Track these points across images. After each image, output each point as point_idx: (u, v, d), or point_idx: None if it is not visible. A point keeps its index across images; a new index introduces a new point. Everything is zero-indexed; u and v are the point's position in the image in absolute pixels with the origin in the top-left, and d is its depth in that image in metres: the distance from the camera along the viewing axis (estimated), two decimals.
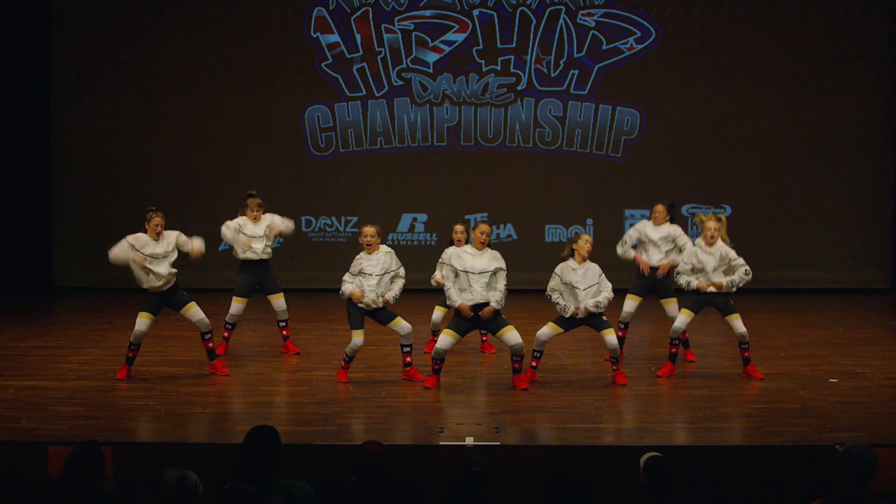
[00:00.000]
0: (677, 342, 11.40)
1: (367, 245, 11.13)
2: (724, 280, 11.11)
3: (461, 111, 18.28)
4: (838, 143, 18.10)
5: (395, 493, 6.41)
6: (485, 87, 18.21)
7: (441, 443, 8.81)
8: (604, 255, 12.23)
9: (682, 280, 11.26)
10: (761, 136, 18.12)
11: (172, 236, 11.42)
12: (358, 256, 11.19)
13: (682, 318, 11.30)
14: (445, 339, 10.68)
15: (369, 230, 11.18)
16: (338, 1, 18.18)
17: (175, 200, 18.16)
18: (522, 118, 18.24)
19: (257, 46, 18.19)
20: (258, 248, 12.43)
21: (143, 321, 11.23)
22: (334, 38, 18.23)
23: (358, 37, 18.22)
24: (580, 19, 18.09)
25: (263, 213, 12.53)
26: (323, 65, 18.24)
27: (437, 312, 12.42)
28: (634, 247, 12.19)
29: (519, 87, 18.23)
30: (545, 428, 9.59)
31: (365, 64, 18.25)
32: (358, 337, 10.98)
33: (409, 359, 11.17)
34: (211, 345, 11.51)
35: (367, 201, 18.30)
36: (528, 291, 15.18)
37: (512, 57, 18.18)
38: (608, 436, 9.30)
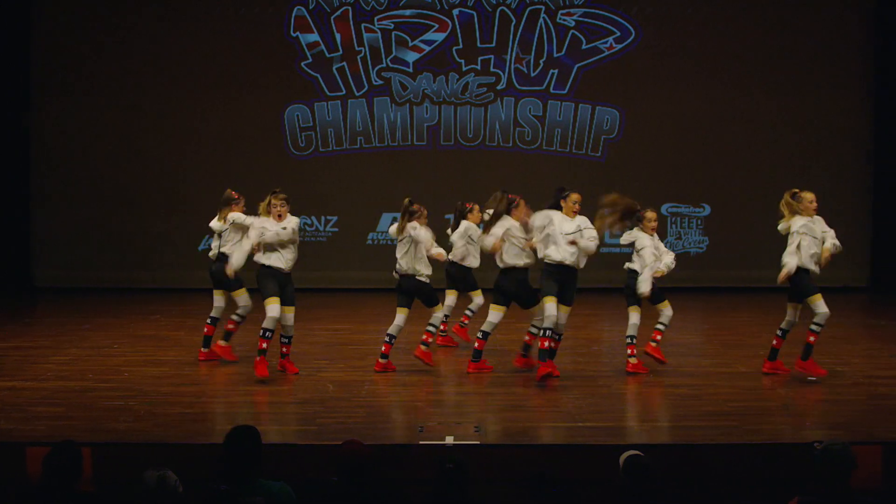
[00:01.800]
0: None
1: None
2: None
3: (441, 111, 18.29)
4: (816, 142, 18.18)
5: (376, 492, 6.40)
6: (464, 86, 18.22)
7: (421, 442, 8.81)
8: None
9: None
10: (740, 135, 18.18)
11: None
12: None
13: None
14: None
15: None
16: (317, 0, 18.16)
17: (154, 200, 18.15)
18: (502, 118, 18.26)
19: (237, 46, 18.15)
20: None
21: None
22: (314, 37, 18.21)
23: (338, 36, 18.21)
24: (560, 19, 18.12)
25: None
26: (303, 64, 18.22)
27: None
28: None
29: (499, 87, 18.25)
30: (525, 427, 9.60)
31: (345, 63, 18.24)
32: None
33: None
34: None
35: (346, 201, 18.29)
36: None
37: (492, 56, 18.20)
38: (588, 435, 9.31)
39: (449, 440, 8.77)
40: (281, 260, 10.99)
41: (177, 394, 10.53)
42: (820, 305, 10.89)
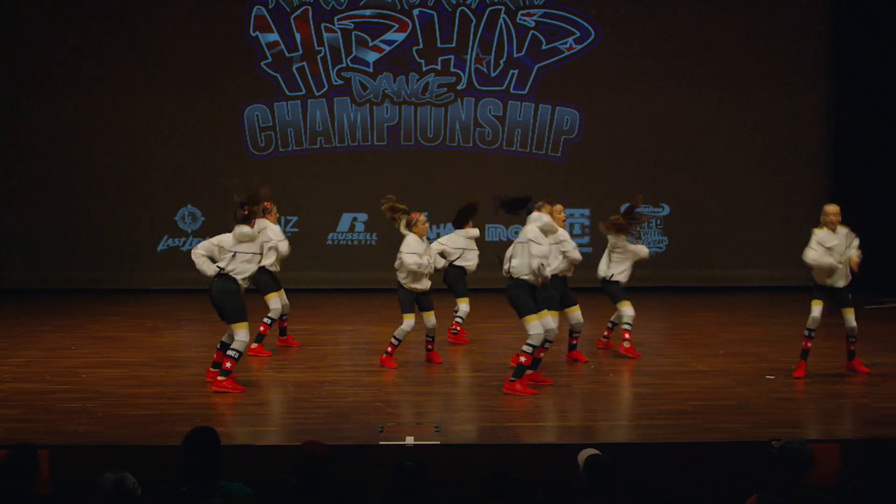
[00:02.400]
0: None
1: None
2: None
3: (401, 111, 18.28)
4: (775, 141, 18.32)
5: (336, 493, 6.38)
6: (425, 86, 18.22)
7: (381, 442, 8.79)
8: None
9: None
10: (699, 135, 18.29)
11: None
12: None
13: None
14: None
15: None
16: (277, 0, 18.10)
17: (113, 201, 18.03)
18: (462, 118, 18.27)
19: (196, 45, 18.05)
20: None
21: None
22: (274, 36, 18.15)
23: (297, 36, 18.15)
24: (520, 19, 18.15)
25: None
26: (262, 64, 18.15)
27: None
28: None
29: (459, 87, 18.26)
30: (485, 427, 9.60)
31: (305, 63, 18.18)
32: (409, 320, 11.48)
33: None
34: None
35: (307, 201, 18.23)
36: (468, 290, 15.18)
37: (452, 56, 18.20)
38: (548, 434, 9.33)
39: (409, 440, 8.76)
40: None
41: (135, 395, 10.45)
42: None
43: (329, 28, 18.15)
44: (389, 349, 11.66)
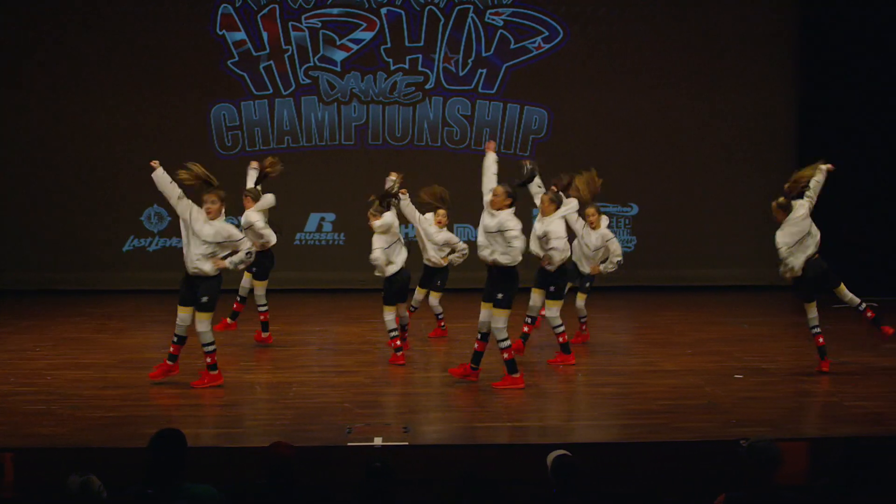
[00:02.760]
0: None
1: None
2: None
3: (369, 110, 18.22)
4: (743, 141, 18.36)
5: (303, 494, 6.35)
6: (393, 85, 18.17)
7: (349, 444, 8.76)
8: None
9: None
10: (668, 134, 18.32)
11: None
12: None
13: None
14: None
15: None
16: None
17: (77, 201, 17.87)
18: (430, 117, 18.23)
19: (162, 43, 17.91)
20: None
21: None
22: (241, 35, 18.05)
23: (265, 34, 18.06)
24: (488, 18, 18.13)
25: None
26: (229, 62, 18.05)
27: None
28: None
29: (427, 86, 18.22)
30: (454, 427, 9.59)
31: (272, 62, 18.09)
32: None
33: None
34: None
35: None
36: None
37: (420, 56, 18.16)
38: (516, 434, 9.32)
39: (378, 441, 8.73)
40: None
41: (100, 397, 10.37)
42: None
43: (296, 27, 18.07)
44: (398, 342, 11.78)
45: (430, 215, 12.68)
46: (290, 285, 17.52)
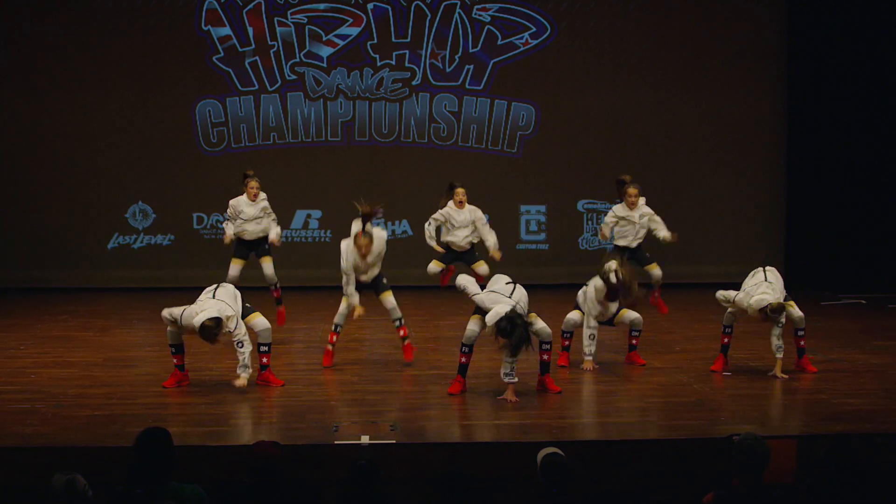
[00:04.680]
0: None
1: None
2: None
3: (355, 106, 18.15)
4: (732, 138, 18.34)
5: (289, 493, 6.31)
6: (379, 81, 18.11)
7: (336, 442, 8.72)
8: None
9: None
10: (656, 131, 18.29)
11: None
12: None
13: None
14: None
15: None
16: None
17: (62, 198, 17.76)
18: (417, 113, 18.18)
19: (146, 39, 17.80)
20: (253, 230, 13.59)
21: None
22: (226, 31, 17.96)
23: (250, 30, 17.97)
24: (475, 14, 18.08)
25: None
26: (214, 58, 17.96)
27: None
28: None
29: (414, 82, 18.16)
30: (442, 425, 9.55)
31: (257, 58, 18.01)
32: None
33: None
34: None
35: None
36: (422, 288, 15.15)
37: (406, 51, 18.10)
38: (505, 432, 9.28)
39: (364, 439, 8.70)
40: None
41: (85, 396, 10.31)
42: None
43: (282, 22, 17.99)
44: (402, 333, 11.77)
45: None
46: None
